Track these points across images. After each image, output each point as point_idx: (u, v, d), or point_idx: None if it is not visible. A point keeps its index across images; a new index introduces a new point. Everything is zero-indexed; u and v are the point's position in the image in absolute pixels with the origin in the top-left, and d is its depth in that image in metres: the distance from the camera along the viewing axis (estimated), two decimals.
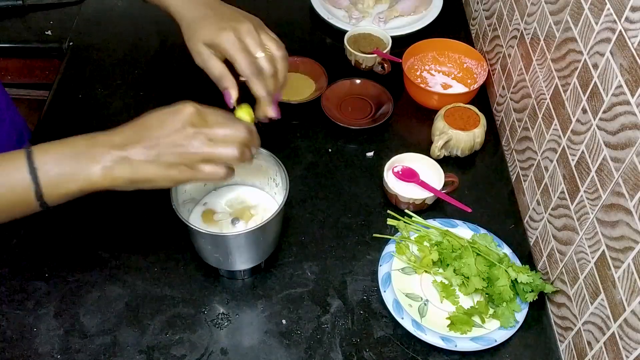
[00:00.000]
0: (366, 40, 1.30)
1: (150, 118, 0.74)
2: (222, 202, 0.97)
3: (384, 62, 1.25)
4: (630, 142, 0.71)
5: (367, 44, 1.29)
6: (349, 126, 1.15)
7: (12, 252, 0.97)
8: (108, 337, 0.88)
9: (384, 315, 0.92)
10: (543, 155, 0.98)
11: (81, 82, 1.24)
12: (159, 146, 0.71)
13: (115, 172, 0.71)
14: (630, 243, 0.71)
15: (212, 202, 0.97)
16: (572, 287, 0.86)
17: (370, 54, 1.26)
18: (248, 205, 0.96)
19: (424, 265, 0.95)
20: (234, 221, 0.94)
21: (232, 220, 0.94)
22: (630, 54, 0.71)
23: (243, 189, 0.99)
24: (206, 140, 0.72)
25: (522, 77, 1.07)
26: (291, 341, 0.89)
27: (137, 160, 0.71)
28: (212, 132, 0.73)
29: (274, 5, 1.44)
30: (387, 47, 1.27)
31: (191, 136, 0.72)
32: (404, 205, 1.03)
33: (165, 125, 0.72)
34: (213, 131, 0.73)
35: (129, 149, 0.71)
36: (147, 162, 0.71)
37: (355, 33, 1.31)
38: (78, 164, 0.70)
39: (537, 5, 1.01)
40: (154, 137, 0.72)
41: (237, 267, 0.92)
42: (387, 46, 1.27)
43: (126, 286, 0.94)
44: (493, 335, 0.88)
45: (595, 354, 0.79)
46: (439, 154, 1.10)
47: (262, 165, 0.94)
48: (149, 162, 0.71)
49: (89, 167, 0.70)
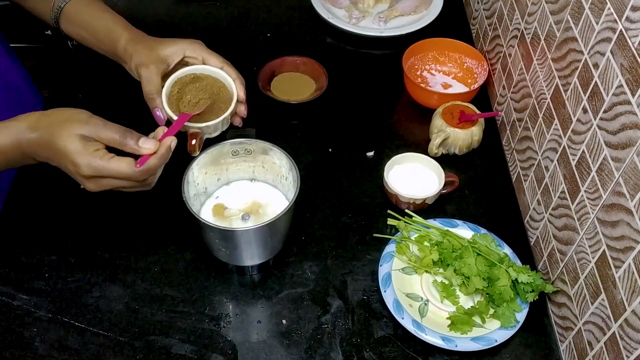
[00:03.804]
0: (200, 87, 0.97)
1: (58, 157, 0.80)
2: (233, 197, 0.98)
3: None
4: (631, 141, 0.71)
5: (199, 92, 0.96)
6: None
7: (12, 251, 0.97)
8: (108, 337, 0.88)
9: (384, 315, 0.92)
10: (543, 155, 0.97)
11: (81, 82, 1.24)
12: (73, 176, 0.82)
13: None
14: (631, 243, 0.71)
15: (223, 196, 0.98)
16: (573, 287, 0.86)
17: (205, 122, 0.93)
18: (259, 201, 0.97)
19: (425, 265, 0.95)
20: (245, 216, 0.94)
21: (243, 215, 0.94)
22: (630, 53, 0.71)
23: (256, 184, 1.00)
24: (101, 186, 0.82)
25: (522, 76, 1.07)
26: (291, 341, 0.89)
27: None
28: (104, 183, 0.81)
29: (274, 5, 1.44)
30: (232, 103, 0.95)
31: (91, 182, 0.81)
32: (404, 205, 1.03)
33: (68, 170, 0.81)
34: (105, 182, 0.81)
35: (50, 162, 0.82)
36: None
37: (190, 74, 0.97)
38: (10, 165, 0.84)
39: (537, 5, 1.01)
40: (64, 168, 0.82)
41: (246, 263, 0.93)
42: (232, 102, 0.95)
43: (126, 286, 0.94)
44: (493, 335, 0.88)
45: (596, 354, 0.79)
46: (437, 151, 1.10)
47: (275, 162, 0.94)
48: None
49: (22, 164, 0.84)
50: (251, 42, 1.35)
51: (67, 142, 0.78)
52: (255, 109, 1.20)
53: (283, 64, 1.25)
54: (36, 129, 0.80)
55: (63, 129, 0.78)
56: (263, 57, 1.25)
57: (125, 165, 0.79)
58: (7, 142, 0.80)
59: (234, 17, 1.40)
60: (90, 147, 0.79)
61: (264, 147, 0.94)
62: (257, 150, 0.95)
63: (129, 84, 0.97)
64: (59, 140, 0.78)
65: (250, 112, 1.20)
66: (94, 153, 0.78)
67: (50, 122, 0.80)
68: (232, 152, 0.95)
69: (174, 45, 0.96)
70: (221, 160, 0.95)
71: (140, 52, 0.95)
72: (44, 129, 0.80)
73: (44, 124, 0.80)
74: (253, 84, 1.21)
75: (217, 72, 0.97)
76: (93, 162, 0.78)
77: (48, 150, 0.80)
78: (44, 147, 0.80)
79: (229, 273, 0.96)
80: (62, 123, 0.79)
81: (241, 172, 0.99)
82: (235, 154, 0.95)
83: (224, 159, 0.95)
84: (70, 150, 0.78)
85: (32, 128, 0.80)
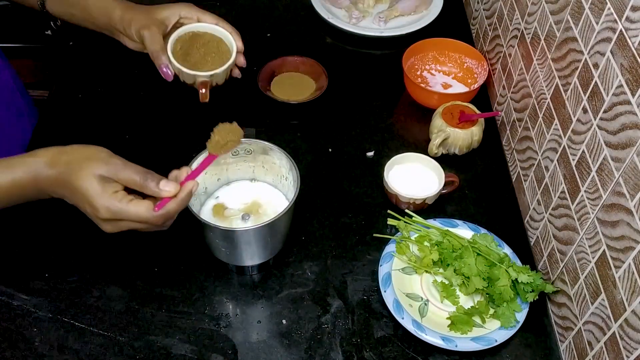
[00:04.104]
0: (200, 43, 1.04)
1: (76, 196, 0.79)
2: (234, 197, 0.98)
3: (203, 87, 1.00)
4: (631, 141, 0.71)
5: (200, 48, 1.03)
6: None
7: (12, 252, 0.97)
8: (108, 337, 0.88)
9: (384, 315, 0.92)
10: (543, 155, 0.97)
11: (81, 82, 1.24)
12: (89, 217, 0.80)
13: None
14: (631, 243, 0.71)
15: (223, 196, 0.98)
16: (573, 287, 0.86)
17: (194, 71, 0.99)
18: (259, 201, 0.97)
19: (425, 265, 0.95)
20: (245, 216, 0.94)
21: (243, 215, 0.94)
22: (630, 53, 0.71)
23: (256, 184, 1.00)
24: (118, 228, 0.81)
25: (522, 76, 1.07)
26: (291, 341, 0.89)
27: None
28: (121, 225, 0.80)
29: (274, 5, 1.44)
30: (232, 53, 1.02)
31: (108, 224, 0.80)
32: (404, 205, 1.03)
33: (86, 210, 0.80)
34: (122, 224, 0.80)
35: (67, 200, 0.81)
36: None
37: (189, 32, 1.03)
38: (26, 200, 0.82)
39: (537, 5, 1.01)
40: (81, 208, 0.80)
41: (246, 263, 0.93)
42: (232, 52, 1.02)
43: (126, 286, 0.94)
44: (493, 335, 0.88)
45: (596, 354, 0.79)
46: (437, 151, 1.10)
47: (275, 162, 0.94)
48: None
49: (37, 198, 0.83)
50: (251, 42, 1.35)
51: (86, 183, 0.76)
52: (255, 109, 1.21)
53: (283, 64, 1.25)
54: (54, 166, 0.78)
55: (82, 168, 0.77)
56: (263, 57, 1.25)
57: (144, 209, 0.77)
58: (25, 177, 0.78)
59: (234, 17, 1.40)
60: (109, 188, 0.77)
61: (264, 147, 0.94)
62: (257, 150, 0.95)
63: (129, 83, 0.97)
64: (77, 180, 0.76)
65: (250, 112, 1.20)
66: (112, 195, 0.76)
67: (69, 160, 0.78)
68: (232, 152, 0.95)
69: (169, 9, 1.02)
70: (221, 160, 0.95)
71: (139, 17, 0.99)
72: (63, 167, 0.78)
73: (63, 161, 0.78)
74: (253, 84, 1.21)
75: (214, 28, 1.04)
76: (112, 206, 0.76)
77: (65, 188, 0.78)
78: (62, 185, 0.78)
79: (229, 273, 0.96)
80: (81, 162, 0.77)
81: (241, 172, 0.99)
82: (235, 154, 0.95)
83: (224, 159, 0.96)
84: (89, 192, 0.76)
85: (51, 165, 0.78)
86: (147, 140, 1.14)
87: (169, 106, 1.20)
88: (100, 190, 0.76)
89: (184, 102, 1.17)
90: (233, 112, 1.19)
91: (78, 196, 0.77)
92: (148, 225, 0.80)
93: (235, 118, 1.21)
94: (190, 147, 1.11)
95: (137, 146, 1.13)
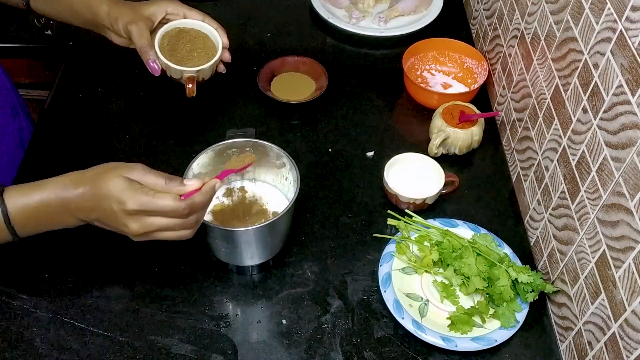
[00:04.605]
0: (186, 39, 1.06)
1: (103, 204, 0.79)
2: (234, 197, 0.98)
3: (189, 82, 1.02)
4: (631, 141, 0.71)
5: (187, 44, 1.05)
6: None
7: (12, 252, 0.97)
8: (108, 337, 0.88)
9: (384, 315, 0.92)
10: (543, 155, 0.97)
11: (81, 82, 1.24)
12: (116, 223, 0.80)
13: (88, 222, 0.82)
14: (631, 243, 0.71)
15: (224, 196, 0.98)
16: (573, 287, 0.86)
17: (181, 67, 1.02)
18: (260, 202, 0.97)
19: (425, 265, 0.95)
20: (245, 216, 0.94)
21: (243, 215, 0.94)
22: (630, 53, 0.71)
23: (256, 185, 1.00)
24: (145, 226, 0.80)
25: (522, 76, 1.07)
26: (291, 341, 0.89)
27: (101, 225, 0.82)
28: (148, 222, 0.79)
29: (274, 5, 1.44)
30: (218, 49, 1.05)
31: (135, 221, 0.79)
32: (404, 205, 1.03)
33: (113, 211, 0.79)
34: (150, 220, 0.79)
35: (92, 219, 0.81)
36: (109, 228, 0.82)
37: (176, 28, 1.05)
38: (53, 224, 0.82)
39: (537, 5, 1.01)
40: (108, 214, 0.79)
41: (246, 263, 0.93)
42: (218, 48, 1.05)
43: (126, 286, 0.94)
44: (493, 335, 0.88)
45: (596, 354, 0.79)
46: (437, 151, 1.10)
47: (275, 162, 0.94)
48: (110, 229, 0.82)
49: (63, 224, 0.83)
50: (251, 42, 1.35)
51: (113, 182, 0.77)
52: (255, 109, 1.21)
53: (283, 64, 1.25)
54: (80, 184, 0.79)
55: (108, 172, 0.79)
56: (263, 57, 1.25)
57: (170, 198, 0.78)
58: (52, 197, 0.79)
59: (234, 18, 1.40)
60: (136, 185, 0.78)
61: (264, 147, 0.94)
62: (257, 150, 0.95)
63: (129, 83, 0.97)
64: (104, 183, 0.78)
65: (250, 112, 1.20)
66: (139, 189, 0.78)
67: (94, 173, 0.80)
68: (232, 151, 0.95)
69: (156, 5, 1.04)
70: (221, 160, 0.95)
71: (126, 12, 1.01)
72: (89, 181, 0.79)
73: (88, 176, 0.80)
74: (253, 84, 1.21)
75: (200, 25, 1.06)
76: (138, 198, 0.77)
77: (92, 199, 0.79)
78: (88, 198, 0.79)
79: (229, 273, 0.96)
80: (107, 171, 0.79)
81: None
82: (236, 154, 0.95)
83: (224, 159, 0.96)
84: (117, 187, 0.77)
85: (77, 182, 0.80)
86: (147, 140, 1.14)
87: (169, 106, 1.20)
88: (127, 186, 0.77)
89: (183, 102, 1.17)
90: (233, 112, 1.20)
91: (105, 200, 0.78)
92: (175, 221, 0.80)
93: (235, 118, 1.22)
94: (191, 147, 1.11)
95: (137, 146, 1.13)
